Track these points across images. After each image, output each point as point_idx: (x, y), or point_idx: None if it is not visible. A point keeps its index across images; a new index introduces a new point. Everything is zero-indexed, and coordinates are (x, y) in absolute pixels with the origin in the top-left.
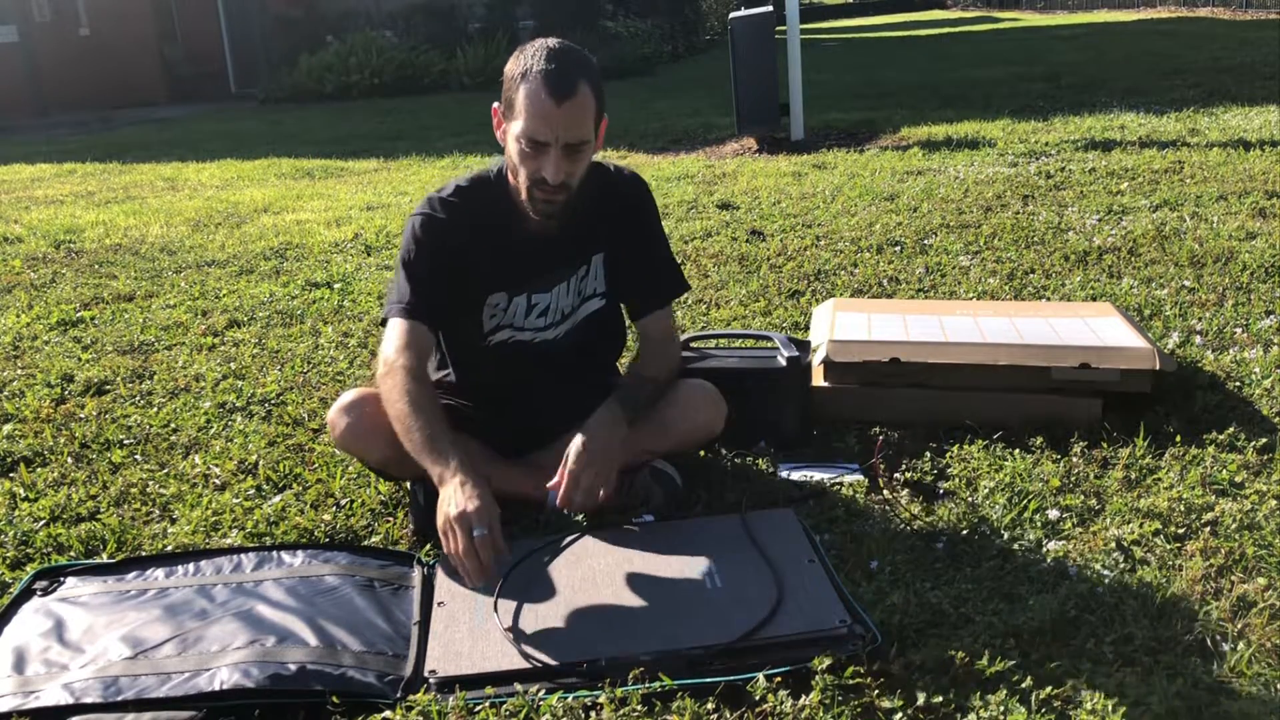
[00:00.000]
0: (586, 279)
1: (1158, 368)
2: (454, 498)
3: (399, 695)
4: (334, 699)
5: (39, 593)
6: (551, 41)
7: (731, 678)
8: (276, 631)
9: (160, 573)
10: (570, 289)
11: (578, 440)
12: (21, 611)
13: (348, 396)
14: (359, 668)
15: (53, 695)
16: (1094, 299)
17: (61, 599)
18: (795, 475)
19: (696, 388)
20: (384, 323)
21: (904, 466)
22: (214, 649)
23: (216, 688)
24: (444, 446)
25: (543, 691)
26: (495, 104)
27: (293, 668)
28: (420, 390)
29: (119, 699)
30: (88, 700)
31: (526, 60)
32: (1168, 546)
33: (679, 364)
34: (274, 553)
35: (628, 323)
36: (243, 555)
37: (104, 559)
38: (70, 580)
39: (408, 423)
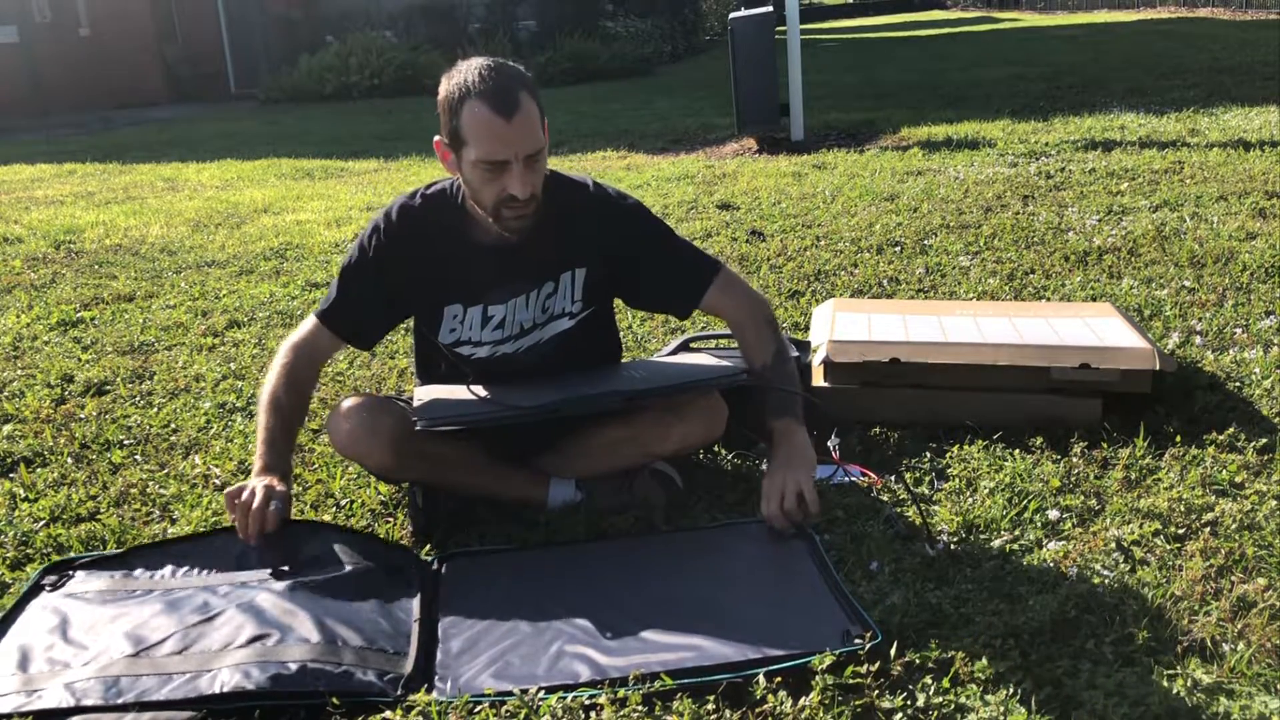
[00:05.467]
0: (554, 297)
1: (1158, 368)
2: (259, 481)
3: (399, 693)
4: (334, 700)
5: (47, 588)
6: (476, 61)
7: (731, 675)
8: (278, 627)
9: (167, 568)
10: (532, 304)
11: (769, 466)
12: (29, 608)
13: (347, 402)
14: (359, 665)
15: (54, 696)
16: (1094, 299)
17: (68, 594)
18: None
19: None
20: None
21: (904, 466)
22: (215, 647)
23: (217, 690)
24: (271, 452)
25: (542, 692)
26: (436, 138)
27: (293, 667)
28: (286, 392)
29: (119, 701)
30: (88, 702)
31: (458, 86)
32: (1168, 546)
33: (766, 309)
34: None
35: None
36: None
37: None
38: (78, 575)
39: (261, 419)
